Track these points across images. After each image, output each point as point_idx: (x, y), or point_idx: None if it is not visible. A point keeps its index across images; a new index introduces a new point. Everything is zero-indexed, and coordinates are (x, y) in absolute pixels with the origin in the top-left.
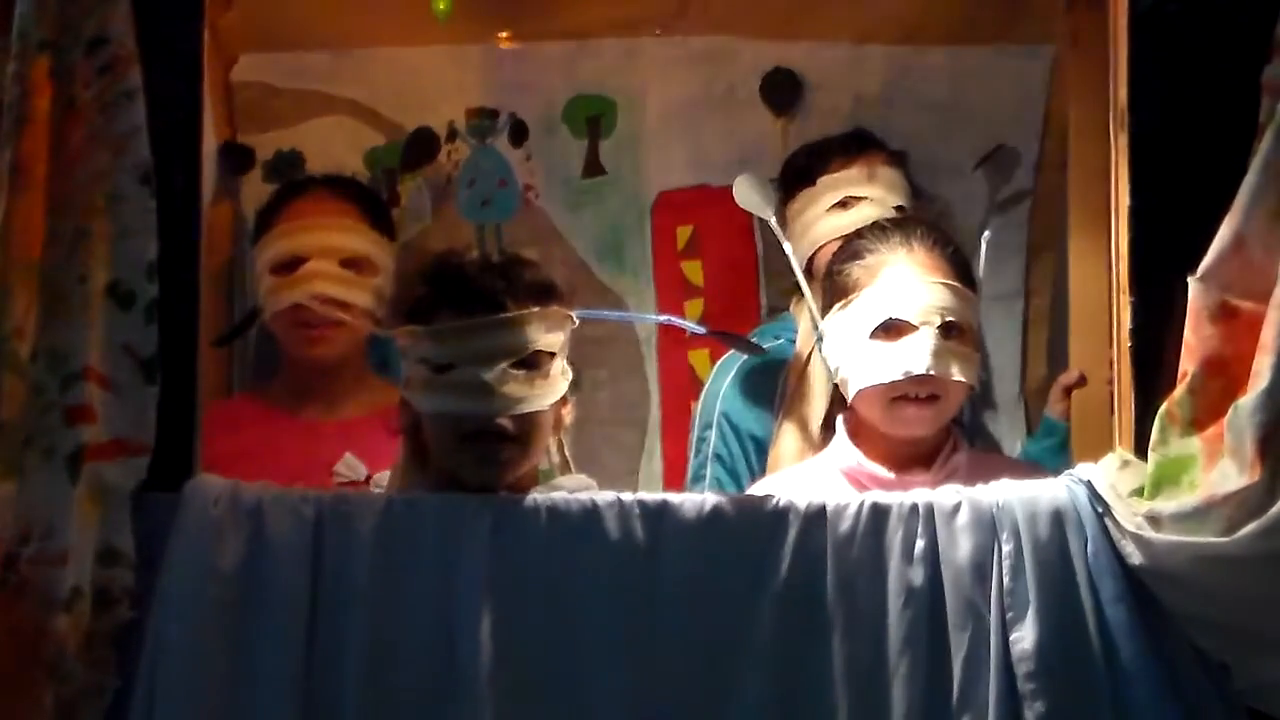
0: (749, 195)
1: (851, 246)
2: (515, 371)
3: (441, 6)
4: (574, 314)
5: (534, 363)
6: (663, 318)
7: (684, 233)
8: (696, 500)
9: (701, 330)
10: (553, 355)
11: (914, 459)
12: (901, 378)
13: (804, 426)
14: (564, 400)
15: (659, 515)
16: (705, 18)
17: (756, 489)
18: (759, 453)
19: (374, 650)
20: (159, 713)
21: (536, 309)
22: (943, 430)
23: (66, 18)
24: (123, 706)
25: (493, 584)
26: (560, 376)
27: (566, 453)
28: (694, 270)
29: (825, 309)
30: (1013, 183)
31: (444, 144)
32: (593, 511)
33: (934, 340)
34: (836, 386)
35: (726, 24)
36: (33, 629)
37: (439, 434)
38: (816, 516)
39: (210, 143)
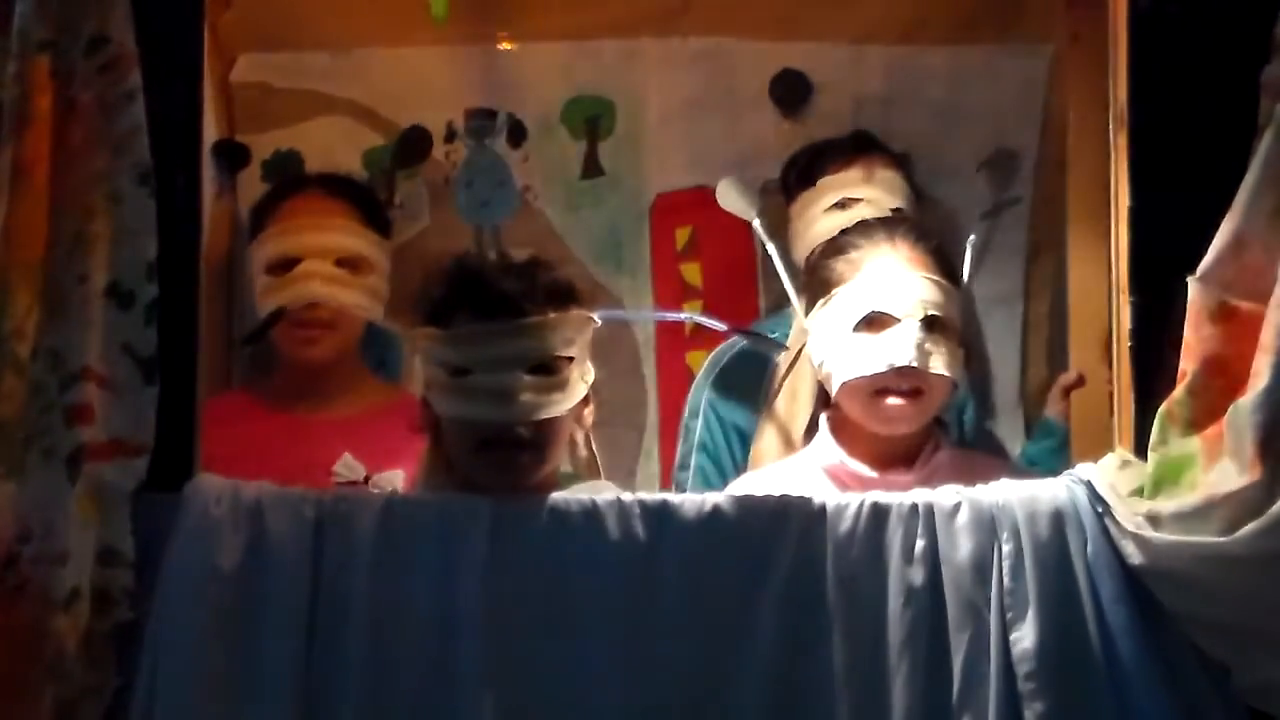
0: (732, 198)
1: (835, 243)
2: (533, 378)
3: (437, 10)
4: (596, 315)
5: (552, 368)
6: (685, 315)
7: (683, 234)
8: (696, 500)
9: (723, 327)
10: (571, 360)
11: (897, 457)
12: (885, 370)
13: (788, 424)
14: (585, 400)
15: (659, 515)
16: (705, 18)
17: (737, 487)
18: (742, 444)
19: (374, 650)
20: (159, 712)
21: (554, 315)
22: (925, 429)
23: (66, 18)
24: (123, 706)
25: (493, 584)
26: (579, 380)
27: (594, 448)
28: (692, 272)
29: (809, 305)
30: (1011, 188)
31: (442, 144)
32: (593, 511)
33: (917, 333)
34: (820, 385)
35: (726, 25)
36: (32, 629)
37: (456, 437)
38: (816, 516)
39: (210, 144)
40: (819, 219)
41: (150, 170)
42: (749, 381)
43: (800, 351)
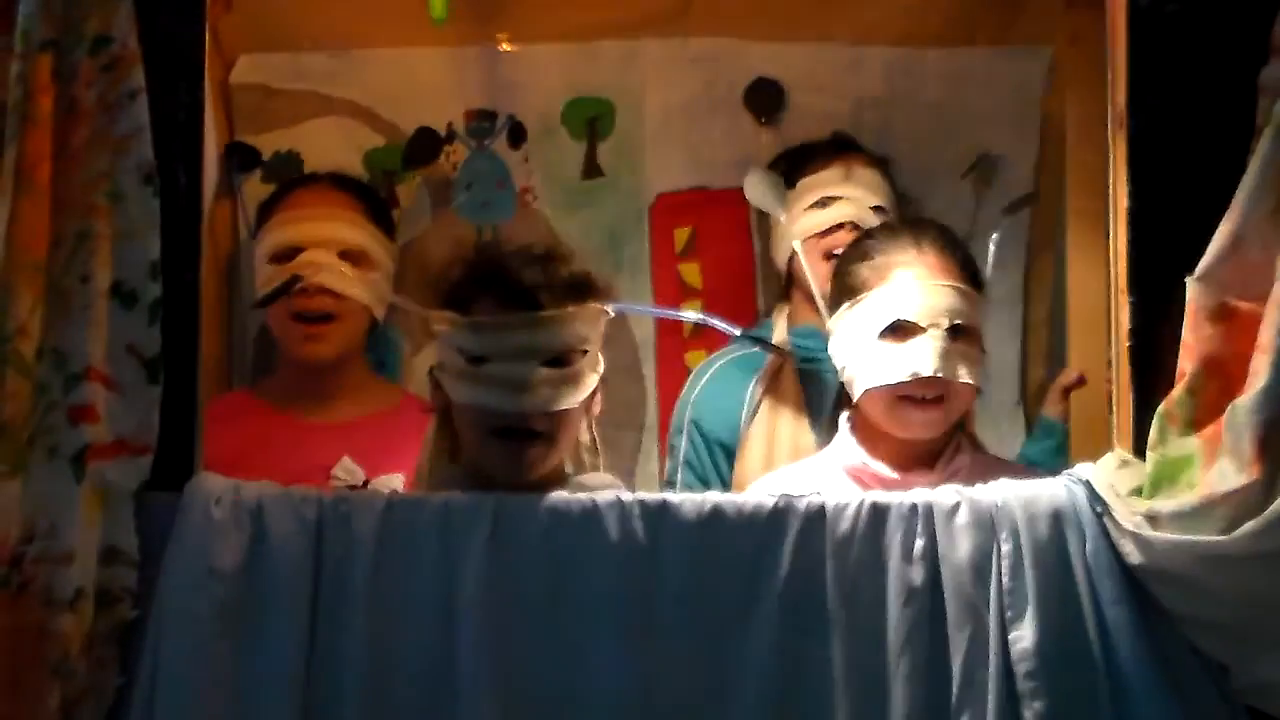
0: (760, 193)
1: (861, 247)
2: (548, 370)
3: (437, 12)
4: (609, 308)
5: (567, 360)
6: (698, 315)
7: (682, 235)
8: (696, 500)
9: (735, 331)
10: (585, 352)
11: (918, 459)
12: (908, 379)
13: (773, 434)
14: (594, 391)
15: (659, 515)
16: (704, 20)
17: (758, 487)
18: (727, 459)
19: (374, 649)
20: (159, 711)
21: (572, 308)
22: (946, 431)
23: (69, 18)
24: (124, 705)
25: (493, 584)
26: (592, 372)
27: (597, 438)
28: (692, 272)
29: (833, 307)
30: (1008, 189)
31: (443, 145)
32: (593, 511)
33: (941, 342)
34: (841, 385)
35: (725, 26)
36: (36, 628)
37: (469, 424)
38: (816, 516)
39: (211, 144)
40: (799, 218)
41: (153, 170)
42: (731, 395)
43: (782, 366)
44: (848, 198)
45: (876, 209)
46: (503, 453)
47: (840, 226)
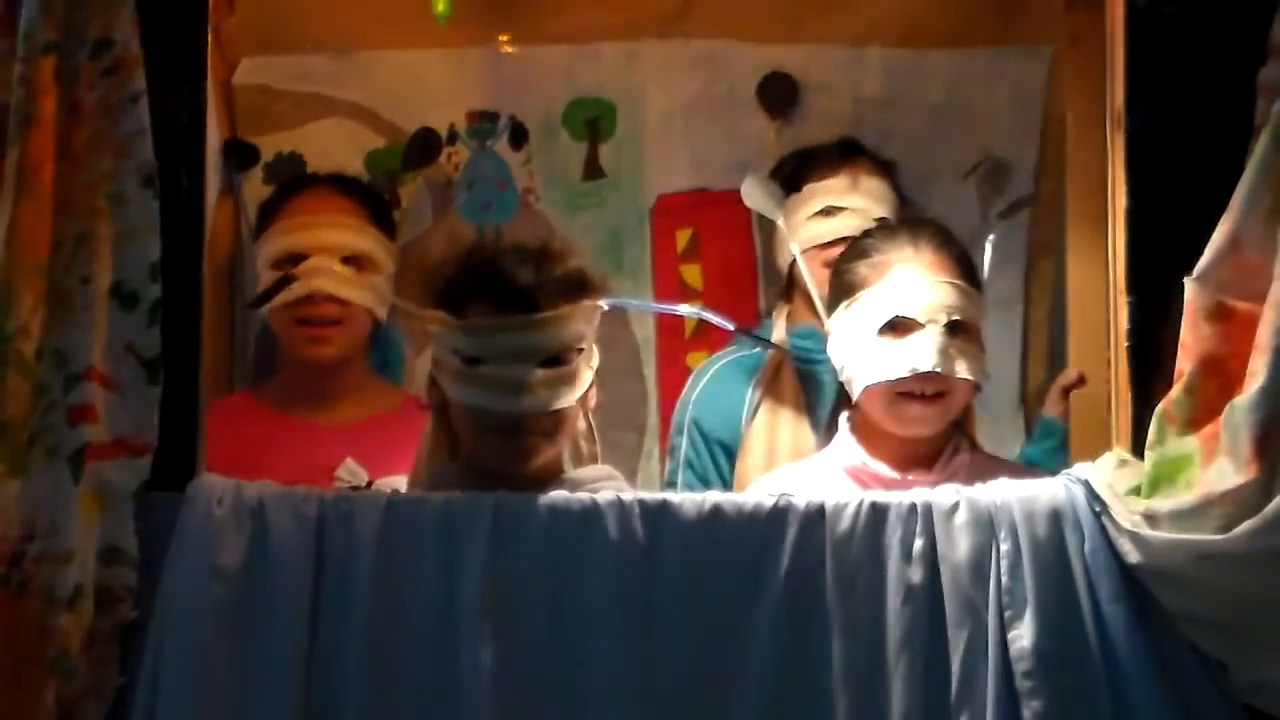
0: (757, 196)
1: (859, 246)
2: (545, 371)
3: (440, 8)
4: (603, 303)
5: (564, 359)
6: (694, 310)
7: (683, 236)
8: (696, 500)
9: (730, 325)
10: (582, 350)
11: (918, 458)
12: (908, 374)
13: (773, 434)
14: (589, 385)
15: (659, 515)
16: (705, 21)
17: (758, 487)
18: (728, 459)
19: (375, 649)
20: (161, 712)
21: (567, 308)
22: (946, 431)
23: (72, 20)
24: (125, 705)
25: (493, 583)
26: (587, 368)
27: (594, 429)
28: (693, 274)
29: (831, 307)
30: (1010, 192)
31: (444, 146)
32: (593, 511)
33: (940, 338)
34: (841, 385)
35: (726, 27)
36: (36, 627)
37: (465, 422)
38: (815, 516)
39: (213, 146)
40: (802, 225)
41: (154, 172)
42: (731, 395)
43: (781, 366)
44: (852, 209)
45: (880, 220)
46: (500, 448)
47: (843, 240)
